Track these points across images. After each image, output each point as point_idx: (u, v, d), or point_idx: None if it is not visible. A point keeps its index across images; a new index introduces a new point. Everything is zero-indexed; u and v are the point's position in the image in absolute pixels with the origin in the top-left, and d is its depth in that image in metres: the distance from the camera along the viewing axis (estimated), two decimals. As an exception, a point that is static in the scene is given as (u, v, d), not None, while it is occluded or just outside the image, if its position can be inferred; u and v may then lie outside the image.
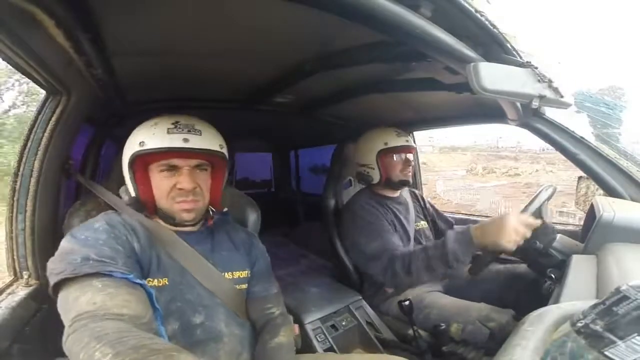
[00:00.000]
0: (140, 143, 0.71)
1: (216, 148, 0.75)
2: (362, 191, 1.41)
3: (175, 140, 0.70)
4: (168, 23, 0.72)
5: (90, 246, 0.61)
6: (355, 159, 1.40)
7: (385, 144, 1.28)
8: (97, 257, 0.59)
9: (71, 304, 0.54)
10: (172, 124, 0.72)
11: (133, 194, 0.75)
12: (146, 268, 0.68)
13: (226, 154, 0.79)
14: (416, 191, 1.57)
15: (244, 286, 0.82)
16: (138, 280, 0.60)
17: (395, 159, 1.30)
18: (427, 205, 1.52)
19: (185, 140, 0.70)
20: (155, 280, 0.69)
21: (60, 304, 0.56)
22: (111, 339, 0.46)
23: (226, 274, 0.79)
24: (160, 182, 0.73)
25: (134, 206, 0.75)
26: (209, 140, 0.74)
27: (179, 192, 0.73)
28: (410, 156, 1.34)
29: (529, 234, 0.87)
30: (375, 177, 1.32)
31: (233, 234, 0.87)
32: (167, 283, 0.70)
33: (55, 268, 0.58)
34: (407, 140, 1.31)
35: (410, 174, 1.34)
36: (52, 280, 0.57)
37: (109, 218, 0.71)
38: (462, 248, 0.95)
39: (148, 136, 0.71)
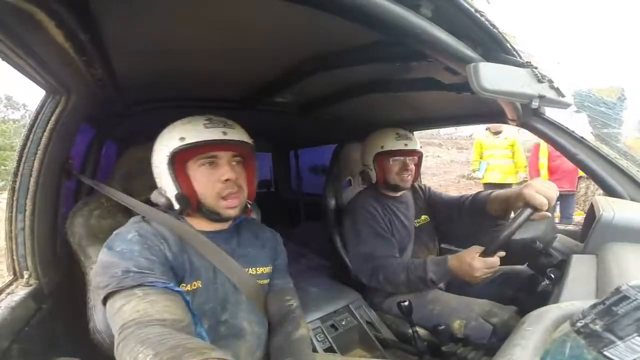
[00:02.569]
0: (180, 139, 0.72)
1: (249, 140, 0.80)
2: (365, 190, 1.41)
3: (215, 133, 0.73)
4: (168, 23, 0.72)
5: (127, 259, 0.64)
6: (361, 158, 1.41)
7: (382, 147, 1.27)
8: (137, 269, 0.62)
9: (117, 313, 0.59)
10: (207, 119, 0.75)
11: (175, 191, 0.74)
12: (180, 274, 0.70)
13: (254, 147, 0.83)
14: (417, 185, 1.49)
15: (265, 282, 0.86)
16: (177, 289, 0.64)
17: (391, 162, 1.27)
18: (430, 197, 1.45)
19: (224, 132, 0.74)
20: (189, 285, 0.71)
21: (108, 313, 0.61)
22: (153, 341, 0.51)
23: (249, 269, 0.82)
24: (203, 178, 0.74)
25: (170, 206, 0.76)
26: (242, 133, 0.79)
27: (225, 184, 0.74)
28: (410, 160, 1.29)
29: (493, 270, 0.98)
30: (374, 177, 1.33)
31: (259, 232, 0.91)
32: (200, 286, 0.73)
33: (100, 282, 0.62)
34: (406, 144, 1.26)
35: (409, 177, 1.28)
36: (101, 294, 0.62)
37: (139, 227, 0.72)
38: (439, 277, 1.07)
39: (186, 132, 0.73)
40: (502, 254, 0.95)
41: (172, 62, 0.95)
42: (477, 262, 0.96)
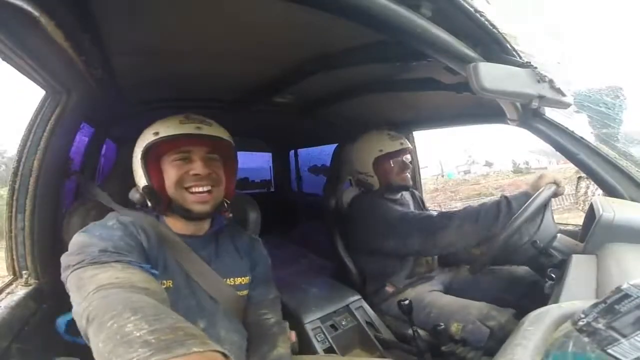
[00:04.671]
0: (154, 133, 0.73)
1: (227, 137, 0.78)
2: (365, 194, 1.41)
3: (189, 128, 0.73)
4: (168, 23, 0.72)
5: (106, 240, 0.61)
6: (354, 166, 1.39)
7: (380, 150, 1.27)
8: (114, 250, 0.59)
9: (88, 279, 0.52)
10: (184, 116, 0.75)
11: (145, 182, 0.74)
12: (154, 268, 0.68)
13: (234, 145, 0.81)
14: (416, 192, 1.55)
15: (245, 292, 0.82)
16: (154, 271, 0.61)
17: (392, 164, 1.29)
18: (422, 201, 1.52)
19: (198, 128, 0.73)
20: (161, 281, 0.69)
21: (73, 283, 0.54)
22: (148, 313, 0.43)
23: (227, 280, 0.79)
24: (173, 171, 0.73)
25: (144, 202, 0.76)
26: (220, 130, 0.78)
27: (192, 177, 0.73)
28: (407, 158, 1.32)
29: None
30: (375, 184, 1.32)
31: (237, 239, 0.87)
32: (171, 286, 0.71)
33: (71, 260, 0.57)
34: (401, 143, 1.29)
35: (408, 176, 1.32)
36: (69, 271, 0.56)
37: (121, 218, 0.71)
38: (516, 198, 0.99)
39: (162, 127, 0.73)
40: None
41: (171, 62, 0.95)
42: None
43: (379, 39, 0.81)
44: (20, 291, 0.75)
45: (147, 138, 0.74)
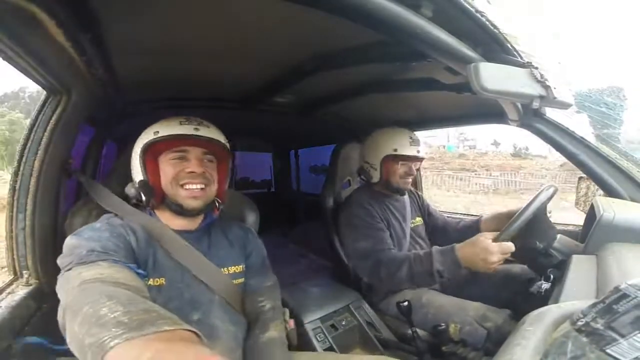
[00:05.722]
0: (154, 132, 0.76)
1: (222, 140, 0.81)
2: (360, 188, 1.41)
3: (187, 129, 0.76)
4: (168, 23, 0.72)
5: (94, 241, 0.64)
6: (362, 154, 1.38)
7: (395, 150, 1.24)
8: (102, 250, 0.62)
9: (74, 278, 0.55)
10: (184, 117, 0.79)
11: (142, 177, 0.77)
12: (142, 267, 0.70)
13: (229, 148, 0.83)
14: (414, 190, 1.55)
15: (240, 280, 0.84)
16: (140, 271, 0.64)
17: (399, 166, 1.26)
18: (424, 202, 1.52)
19: (196, 129, 0.77)
20: (152, 280, 0.71)
21: (61, 282, 0.57)
22: (122, 299, 0.47)
23: (223, 269, 0.81)
24: (169, 168, 0.77)
25: (139, 197, 0.77)
26: (217, 133, 0.81)
27: (187, 174, 0.76)
28: (415, 166, 1.30)
29: (507, 256, 0.90)
30: (375, 177, 1.30)
31: (228, 230, 0.89)
32: (164, 283, 0.72)
33: (63, 262, 0.61)
34: (418, 151, 1.26)
35: (409, 182, 1.30)
36: (60, 274, 0.59)
37: (109, 220, 0.74)
38: (446, 267, 0.98)
39: (162, 127, 0.77)
40: (512, 248, 0.89)
41: (172, 62, 0.95)
42: (493, 246, 0.88)
43: (379, 39, 0.80)
44: (20, 291, 0.76)
45: (147, 137, 0.77)
